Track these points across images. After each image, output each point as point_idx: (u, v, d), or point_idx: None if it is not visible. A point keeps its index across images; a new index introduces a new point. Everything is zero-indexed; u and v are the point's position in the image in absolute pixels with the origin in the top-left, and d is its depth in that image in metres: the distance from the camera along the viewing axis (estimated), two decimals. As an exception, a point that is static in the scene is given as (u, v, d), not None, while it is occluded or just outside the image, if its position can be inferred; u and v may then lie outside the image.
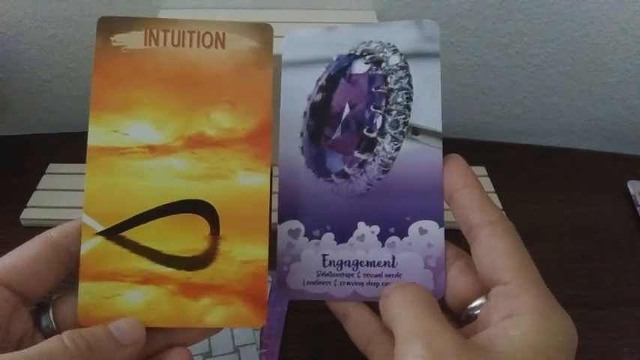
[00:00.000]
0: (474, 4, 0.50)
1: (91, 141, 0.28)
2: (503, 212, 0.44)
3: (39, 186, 0.48)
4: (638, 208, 0.51)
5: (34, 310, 0.27)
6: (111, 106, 0.28)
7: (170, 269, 0.27)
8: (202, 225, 0.28)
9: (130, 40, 0.28)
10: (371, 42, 0.30)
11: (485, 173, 0.52)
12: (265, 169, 0.28)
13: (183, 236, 0.28)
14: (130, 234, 0.27)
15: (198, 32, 0.28)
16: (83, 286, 0.27)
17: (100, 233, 0.27)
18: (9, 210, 0.45)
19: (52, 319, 0.26)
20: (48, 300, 0.27)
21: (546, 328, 0.23)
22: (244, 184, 0.28)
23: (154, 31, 0.28)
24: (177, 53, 0.28)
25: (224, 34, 0.29)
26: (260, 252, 0.28)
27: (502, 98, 0.58)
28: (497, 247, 0.26)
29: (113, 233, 0.27)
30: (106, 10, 0.48)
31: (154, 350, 0.27)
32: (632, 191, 0.52)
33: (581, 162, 0.57)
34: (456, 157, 0.29)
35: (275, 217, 0.45)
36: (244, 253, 0.28)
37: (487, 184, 0.50)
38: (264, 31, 0.29)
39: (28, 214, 0.45)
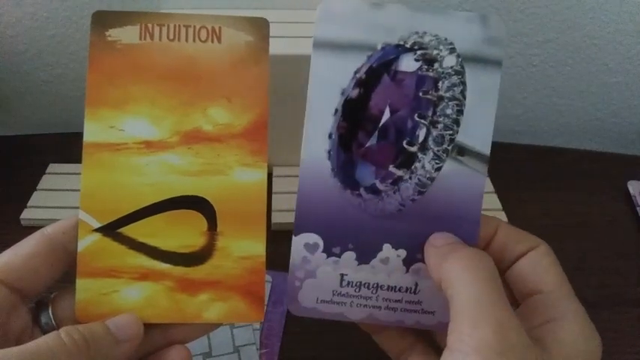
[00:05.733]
0: (473, 4, 0.50)
1: (87, 137, 0.28)
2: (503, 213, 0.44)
3: (39, 186, 0.48)
4: (638, 208, 0.51)
5: (33, 308, 0.27)
6: (106, 102, 0.28)
7: (167, 265, 0.27)
8: (199, 221, 0.28)
9: (125, 34, 0.28)
10: (425, 34, 0.26)
11: (486, 173, 0.51)
12: (262, 164, 0.28)
13: (181, 232, 0.28)
14: (127, 230, 0.27)
15: (194, 26, 0.28)
16: (80, 283, 0.27)
17: (97, 230, 0.27)
18: (9, 210, 0.45)
19: (51, 316, 0.26)
20: (47, 298, 0.27)
21: (586, 333, 0.25)
22: (241, 179, 0.28)
23: (149, 26, 0.28)
24: (173, 48, 0.28)
25: (220, 28, 0.28)
26: (257, 248, 0.28)
27: (502, 98, 0.58)
28: (540, 264, 0.27)
29: (110, 230, 0.27)
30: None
31: (152, 347, 0.27)
32: (632, 191, 0.52)
33: (581, 162, 0.56)
34: None
35: (279, 217, 0.45)
36: (242, 248, 0.28)
37: (487, 184, 0.50)
38: (260, 25, 0.29)
39: (28, 214, 0.45)
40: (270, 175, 0.49)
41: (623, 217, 0.50)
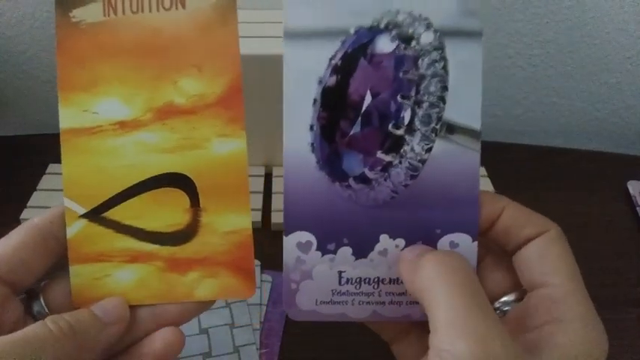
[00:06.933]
0: (473, 4, 0.50)
1: (63, 123, 0.27)
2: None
3: (39, 186, 0.48)
4: (638, 208, 0.51)
5: (24, 299, 0.27)
6: (77, 86, 0.27)
7: (155, 246, 0.27)
8: (182, 198, 0.27)
9: (89, 13, 0.27)
10: (398, 12, 0.25)
11: (485, 173, 0.52)
12: (240, 132, 0.27)
13: (164, 211, 0.27)
14: (112, 214, 0.27)
15: None
16: (73, 269, 0.27)
17: (83, 216, 0.27)
18: (9, 210, 0.45)
19: (43, 305, 0.26)
20: (37, 287, 0.27)
21: (591, 338, 0.23)
22: (220, 151, 0.27)
23: (112, 0, 0.27)
24: (138, 21, 0.27)
25: None
26: (243, 221, 0.27)
27: (502, 98, 0.58)
28: (549, 252, 0.25)
29: (95, 215, 0.27)
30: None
31: (143, 332, 0.27)
32: (632, 191, 0.52)
33: (581, 162, 0.56)
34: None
35: (278, 217, 0.45)
36: (227, 223, 0.27)
37: (487, 184, 0.50)
38: None
39: (28, 214, 0.45)
40: (269, 175, 0.49)
41: (623, 217, 0.50)
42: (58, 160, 0.52)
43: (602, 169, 0.55)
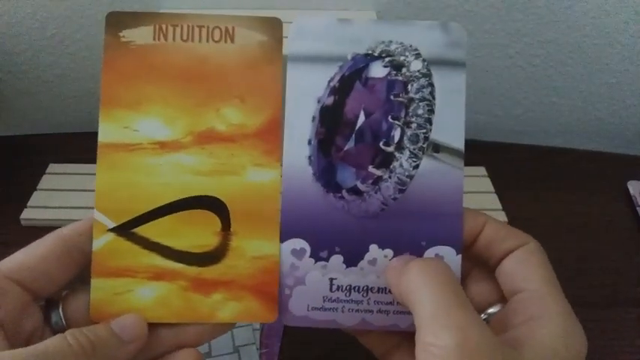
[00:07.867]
0: (473, 4, 0.50)
1: (102, 137, 0.28)
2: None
3: (39, 186, 0.48)
4: (638, 208, 0.51)
5: (43, 307, 0.27)
6: (121, 103, 0.28)
7: (181, 265, 0.27)
8: (213, 221, 0.28)
9: (139, 35, 0.28)
10: (391, 42, 0.28)
11: (485, 173, 0.52)
12: (275, 164, 0.28)
13: (195, 232, 0.28)
14: (142, 230, 0.27)
15: (208, 27, 0.28)
16: (95, 283, 0.27)
17: (112, 230, 0.27)
18: (9, 210, 0.45)
19: (61, 315, 0.27)
20: (58, 296, 0.27)
21: (570, 332, 0.24)
22: (254, 180, 0.28)
23: (163, 26, 0.28)
24: (187, 48, 0.28)
25: (234, 28, 0.28)
26: (271, 247, 0.28)
27: (502, 98, 0.58)
28: (528, 261, 0.26)
29: (124, 229, 0.27)
30: (107, 11, 0.48)
31: (163, 349, 0.27)
32: (632, 191, 0.52)
33: (581, 162, 0.57)
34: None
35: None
36: (255, 248, 0.28)
37: (487, 184, 0.50)
38: (273, 25, 0.29)
39: (28, 214, 0.45)
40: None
41: (623, 217, 0.51)
42: (58, 160, 0.52)
43: (602, 169, 0.55)
